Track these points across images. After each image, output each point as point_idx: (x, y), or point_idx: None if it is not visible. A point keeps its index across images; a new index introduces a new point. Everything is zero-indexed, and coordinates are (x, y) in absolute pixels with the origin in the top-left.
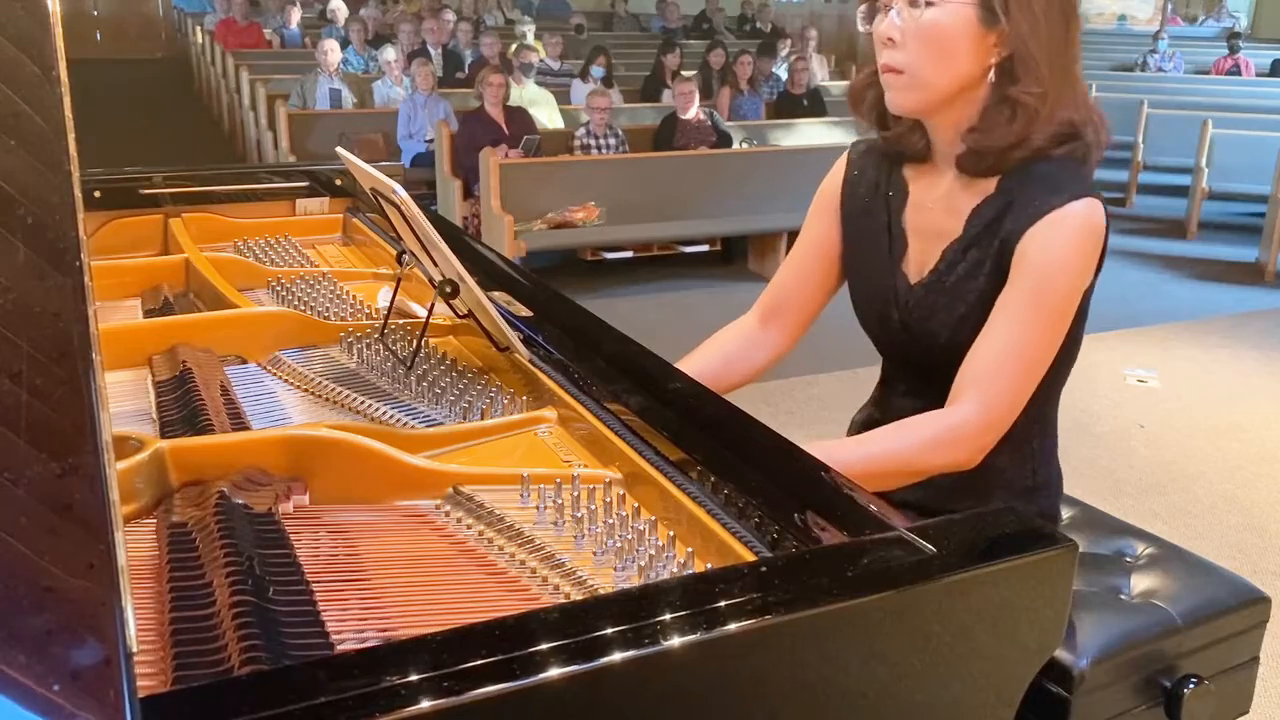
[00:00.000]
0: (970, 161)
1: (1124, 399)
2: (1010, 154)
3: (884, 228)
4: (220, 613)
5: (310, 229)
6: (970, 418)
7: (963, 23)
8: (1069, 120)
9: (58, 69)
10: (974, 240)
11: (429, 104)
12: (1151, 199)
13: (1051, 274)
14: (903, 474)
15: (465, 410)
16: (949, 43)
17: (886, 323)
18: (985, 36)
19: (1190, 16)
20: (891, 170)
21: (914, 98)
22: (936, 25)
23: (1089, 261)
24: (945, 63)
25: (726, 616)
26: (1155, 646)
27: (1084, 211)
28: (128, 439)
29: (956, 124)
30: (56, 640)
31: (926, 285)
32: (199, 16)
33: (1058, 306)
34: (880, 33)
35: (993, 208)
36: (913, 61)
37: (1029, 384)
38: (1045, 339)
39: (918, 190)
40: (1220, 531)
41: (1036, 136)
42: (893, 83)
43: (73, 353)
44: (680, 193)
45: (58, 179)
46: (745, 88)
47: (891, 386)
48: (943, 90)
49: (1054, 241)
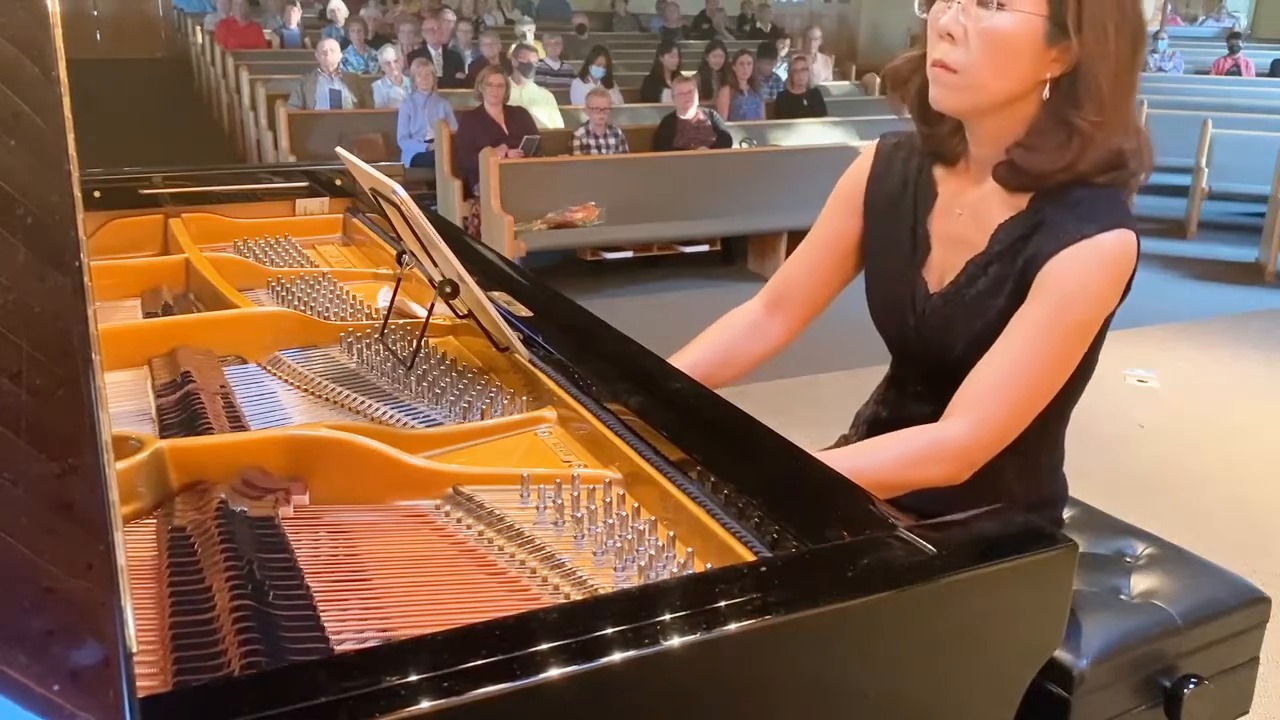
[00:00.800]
0: (1010, 175)
1: (1124, 399)
2: (1055, 176)
3: (909, 230)
4: (220, 616)
5: (310, 229)
6: (962, 435)
7: (1030, 33)
8: (1120, 150)
9: (58, 69)
10: (997, 257)
11: (429, 104)
12: (1151, 199)
13: (1072, 303)
14: (891, 485)
15: (465, 410)
16: (1012, 50)
17: (902, 327)
18: (1048, 51)
19: (1190, 16)
20: (922, 169)
21: (964, 99)
22: (1003, 31)
23: (1114, 292)
24: (1004, 70)
25: (726, 616)
26: (1155, 646)
27: (1116, 243)
28: (128, 439)
29: (998, 133)
30: (56, 640)
31: (945, 296)
32: (199, 16)
33: (1073, 334)
34: (941, 26)
35: (1021, 226)
36: (971, 63)
37: (1029, 407)
38: (1053, 365)
39: (947, 193)
40: (1220, 531)
41: (1085, 162)
42: (944, 79)
43: (73, 353)
44: (680, 193)
45: (58, 179)
46: (745, 88)
47: (901, 388)
48: (994, 97)
49: (1080, 270)
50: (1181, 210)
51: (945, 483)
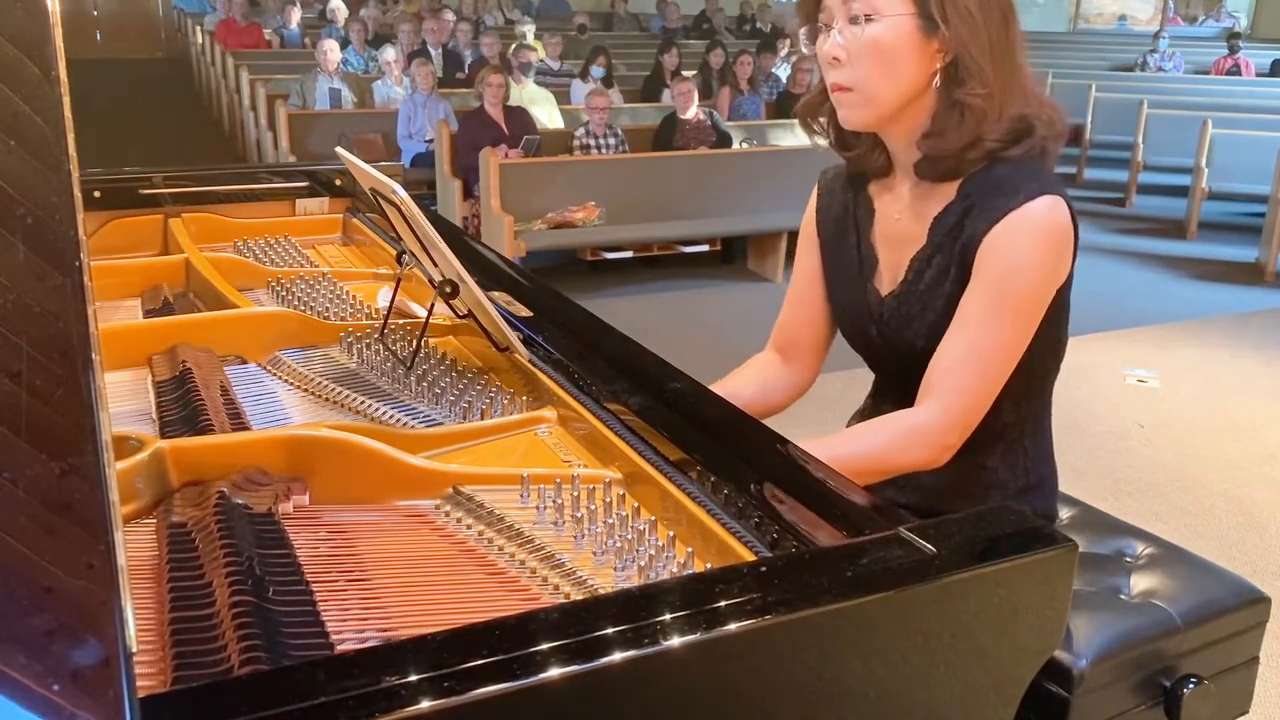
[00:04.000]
0: (927, 167)
1: (1124, 399)
2: (965, 155)
3: (854, 247)
4: (220, 613)
5: (310, 229)
6: (931, 418)
7: (904, 34)
8: (1020, 115)
9: (58, 69)
10: (938, 247)
11: (429, 104)
12: (1151, 199)
13: (1010, 274)
14: (872, 473)
15: (465, 410)
16: (893, 55)
17: (867, 338)
18: (927, 44)
19: (1190, 16)
20: (858, 191)
21: (866, 113)
22: (879, 40)
23: (1054, 258)
24: (892, 75)
25: (726, 616)
26: (1155, 646)
27: (1044, 210)
28: (128, 439)
29: (910, 132)
30: (56, 640)
31: (898, 295)
32: (199, 16)
33: (1020, 307)
34: (825, 53)
35: (954, 213)
36: (860, 77)
37: (990, 383)
38: (1006, 339)
39: (883, 204)
40: (1220, 531)
41: (989, 135)
42: (844, 100)
43: (73, 353)
44: (680, 193)
45: (58, 179)
46: (745, 88)
47: (882, 396)
48: (893, 102)
49: (1013, 242)
50: (1181, 210)
51: (925, 466)
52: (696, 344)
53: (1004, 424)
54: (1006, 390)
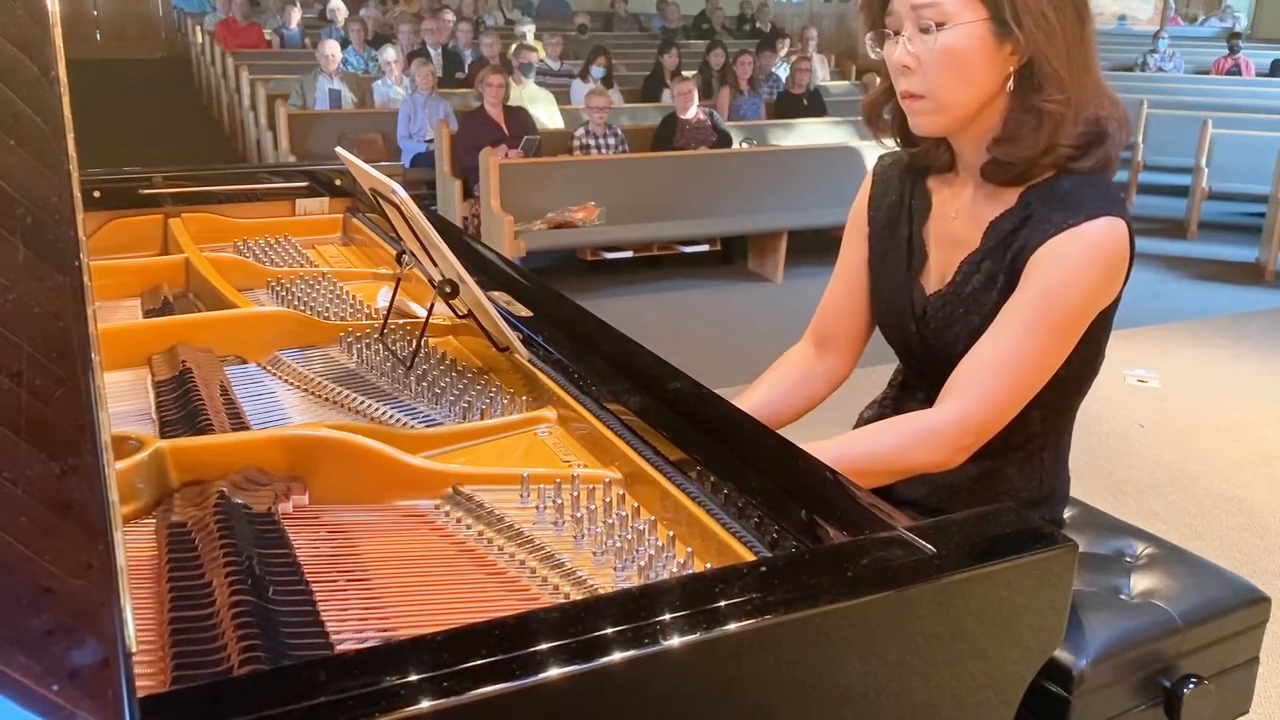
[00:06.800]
0: (996, 171)
1: (1124, 399)
2: (1038, 162)
3: (905, 240)
4: (220, 612)
5: (310, 229)
6: (950, 420)
7: (977, 40)
8: (1095, 117)
9: (57, 69)
10: (990, 252)
11: (429, 104)
12: (1151, 199)
13: (1056, 291)
14: (886, 473)
15: (465, 410)
16: (967, 63)
17: (905, 334)
18: (1000, 49)
19: (1190, 16)
20: (915, 182)
21: (939, 120)
22: (952, 48)
23: (1102, 282)
24: (966, 83)
25: (726, 616)
26: (1155, 646)
27: (1101, 231)
28: (128, 439)
29: (980, 136)
30: (56, 640)
31: (943, 296)
32: (199, 16)
33: (1060, 322)
34: (895, 61)
35: (1011, 221)
36: (933, 86)
37: (1016, 394)
38: (1041, 353)
39: (940, 201)
40: (1220, 531)
41: (1064, 141)
42: (915, 108)
43: (72, 353)
44: (680, 193)
45: (57, 179)
46: (745, 88)
47: (909, 392)
48: (967, 109)
49: (1065, 258)
50: (1181, 210)
51: (937, 469)
52: (696, 344)
53: (1029, 434)
54: (1037, 402)
